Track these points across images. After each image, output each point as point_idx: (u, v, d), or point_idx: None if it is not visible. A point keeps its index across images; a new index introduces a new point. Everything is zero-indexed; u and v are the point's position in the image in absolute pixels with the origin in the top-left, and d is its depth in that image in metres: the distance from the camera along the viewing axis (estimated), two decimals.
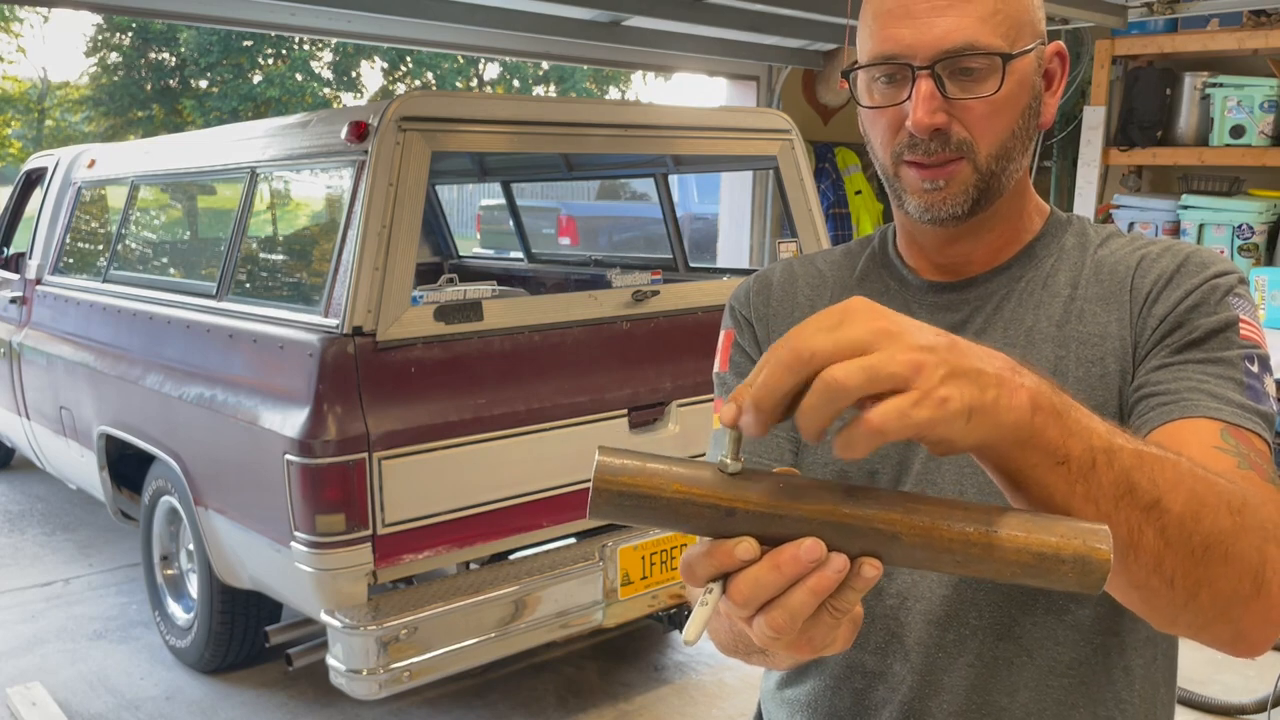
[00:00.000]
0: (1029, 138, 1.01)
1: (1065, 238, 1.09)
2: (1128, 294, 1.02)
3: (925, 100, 0.95)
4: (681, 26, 5.76)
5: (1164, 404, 0.93)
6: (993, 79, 0.95)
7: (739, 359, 1.17)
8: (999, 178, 1.00)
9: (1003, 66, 0.95)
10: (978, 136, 0.97)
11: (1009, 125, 0.98)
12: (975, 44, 0.94)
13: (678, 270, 4.61)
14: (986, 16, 0.95)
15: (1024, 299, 1.06)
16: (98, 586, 4.60)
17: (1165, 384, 0.94)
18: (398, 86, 23.81)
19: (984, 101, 0.96)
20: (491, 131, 3.14)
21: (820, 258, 1.20)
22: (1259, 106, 5.41)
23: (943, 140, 0.97)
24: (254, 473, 3.01)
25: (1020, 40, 0.96)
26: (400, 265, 2.84)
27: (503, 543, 3.09)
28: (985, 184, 0.99)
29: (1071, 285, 1.05)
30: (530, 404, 3.05)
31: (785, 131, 3.80)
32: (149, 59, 22.34)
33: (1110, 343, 1.00)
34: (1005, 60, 0.95)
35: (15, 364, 4.85)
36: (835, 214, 6.83)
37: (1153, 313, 0.99)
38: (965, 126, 0.97)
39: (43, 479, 5.82)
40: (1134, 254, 1.04)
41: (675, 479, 0.64)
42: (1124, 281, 1.03)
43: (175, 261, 4.71)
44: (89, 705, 3.56)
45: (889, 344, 0.63)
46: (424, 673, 2.79)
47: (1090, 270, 1.05)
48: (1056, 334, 1.03)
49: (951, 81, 0.95)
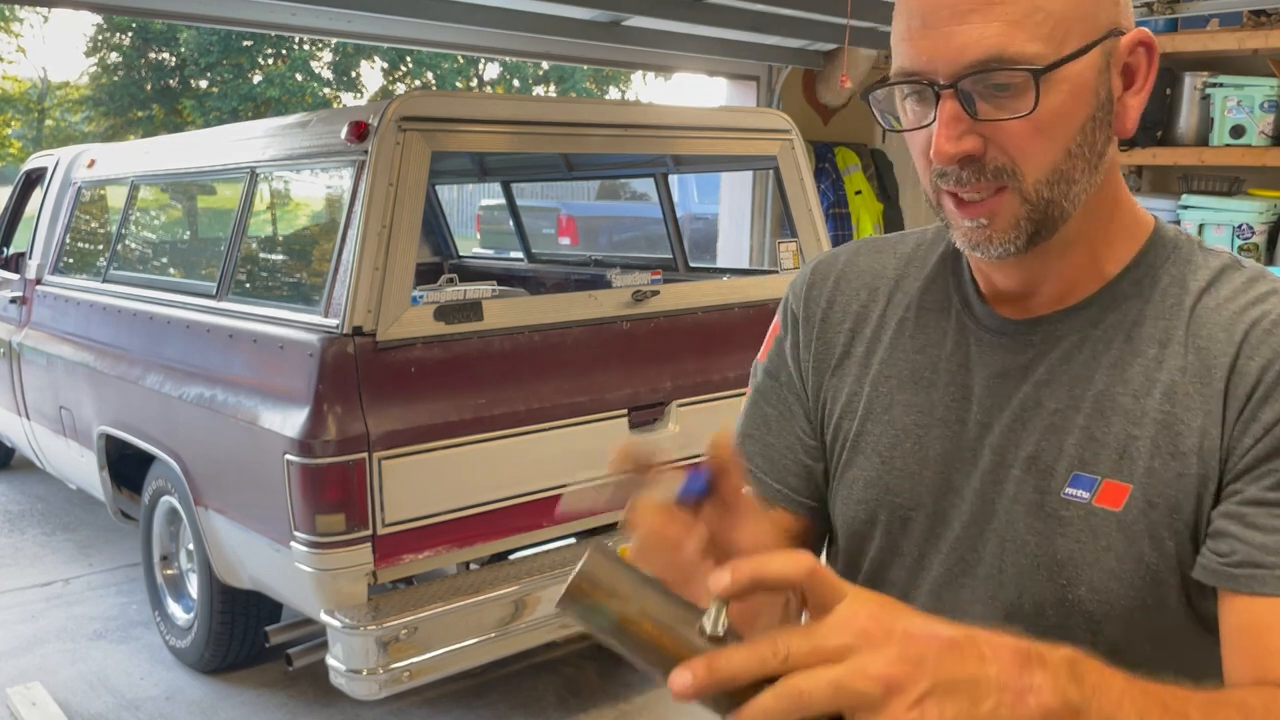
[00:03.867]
0: (1097, 153, 0.83)
1: (1163, 272, 0.88)
2: (1224, 382, 0.82)
3: (947, 125, 0.80)
4: (681, 26, 5.76)
5: (1250, 565, 0.77)
6: (1031, 93, 0.79)
7: (776, 358, 1.08)
8: (1058, 204, 0.83)
9: (1036, 79, 0.79)
10: (1020, 161, 0.81)
11: (1062, 144, 0.81)
12: (1003, 55, 0.78)
13: (678, 270, 4.61)
14: (1021, 19, 0.78)
15: (1099, 352, 0.87)
16: (98, 586, 4.60)
17: (1255, 535, 0.78)
18: (398, 86, 23.81)
19: (1024, 121, 0.80)
20: (491, 131, 3.14)
21: (896, 244, 1.05)
22: (1259, 106, 5.42)
23: (977, 169, 0.82)
24: (254, 473, 3.00)
25: (1072, 40, 0.79)
26: (400, 265, 2.84)
27: (503, 543, 3.09)
28: (1041, 214, 0.83)
29: (1160, 343, 0.85)
30: (530, 404, 3.05)
31: (785, 131, 3.80)
32: (149, 59, 22.34)
33: (1195, 438, 0.82)
34: (1039, 73, 0.78)
35: (15, 364, 4.84)
36: (835, 214, 6.83)
37: (1258, 419, 0.80)
38: (1004, 150, 0.81)
39: (43, 479, 5.81)
40: (1243, 316, 0.83)
41: (651, 617, 0.62)
42: (1223, 362, 0.82)
43: (175, 261, 4.71)
44: (89, 705, 3.56)
45: (869, 651, 0.56)
46: (424, 673, 2.79)
47: (1186, 327, 0.85)
48: (1132, 406, 0.85)
49: (983, 100, 0.80)
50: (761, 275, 4.30)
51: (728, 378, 3.51)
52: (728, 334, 3.56)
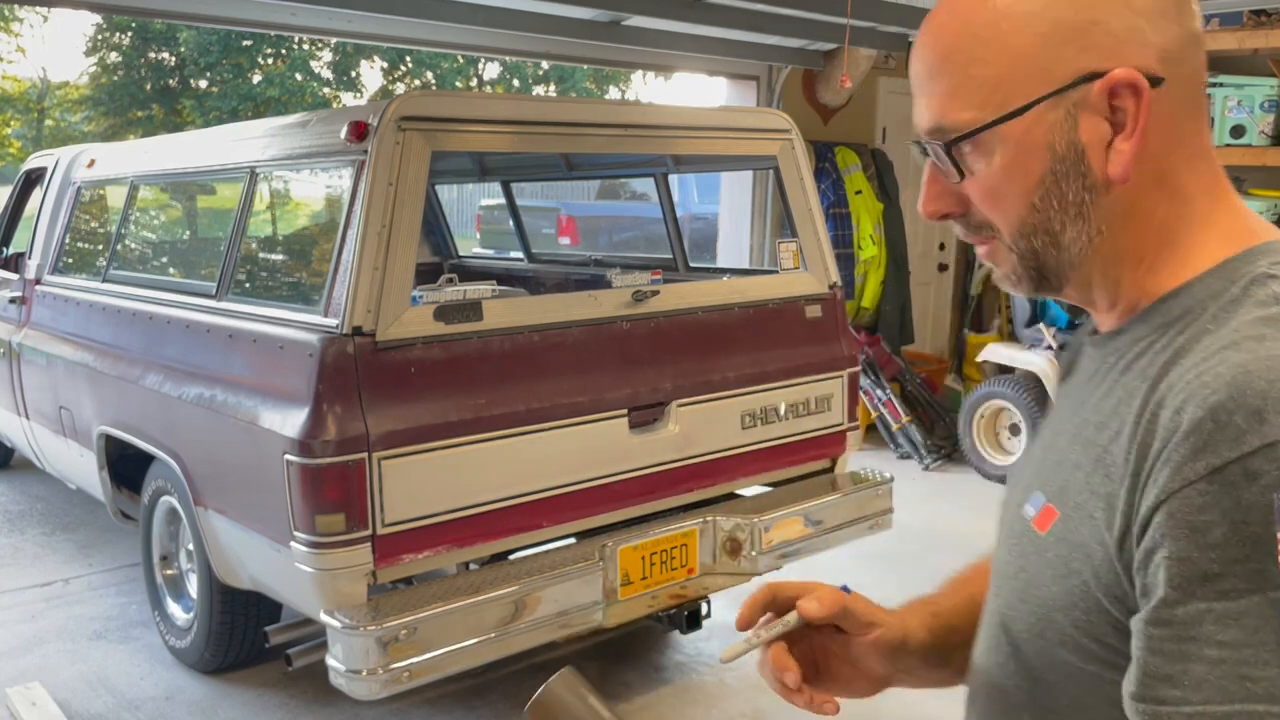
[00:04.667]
0: (1074, 203, 0.82)
1: (1194, 311, 0.80)
2: (1135, 431, 0.76)
3: (925, 186, 0.89)
4: (681, 26, 5.76)
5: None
6: (976, 157, 0.83)
7: None
8: (1047, 253, 0.85)
9: (946, 149, 0.84)
10: (992, 216, 0.86)
11: (1019, 200, 0.83)
12: (941, 125, 0.84)
13: (678, 270, 4.60)
14: (955, 88, 0.83)
15: (1104, 377, 0.85)
16: (97, 586, 4.60)
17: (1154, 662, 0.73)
18: (397, 86, 23.81)
19: (975, 182, 0.85)
20: (491, 131, 3.14)
21: None
22: (1259, 106, 5.42)
23: (965, 222, 0.88)
24: (254, 473, 3.00)
25: (1014, 100, 0.80)
26: (400, 265, 2.84)
27: (503, 543, 3.09)
28: (1034, 262, 0.86)
29: (1149, 380, 0.78)
30: (530, 404, 3.05)
31: (785, 131, 3.80)
32: (149, 59, 22.34)
33: (1114, 485, 0.77)
34: (950, 143, 0.83)
35: (15, 364, 4.84)
36: (835, 214, 6.83)
37: (1153, 484, 0.73)
38: (979, 207, 0.86)
39: (42, 479, 5.81)
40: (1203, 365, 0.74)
41: None
42: (1142, 407, 0.77)
43: (175, 261, 4.71)
44: (89, 705, 3.56)
45: None
46: (424, 673, 2.78)
47: (1169, 367, 0.77)
48: (1093, 437, 0.82)
49: (945, 167, 0.86)
50: (761, 275, 4.30)
51: (728, 378, 3.51)
52: (728, 334, 3.56)
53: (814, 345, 3.80)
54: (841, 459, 3.95)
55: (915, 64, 0.87)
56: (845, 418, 3.89)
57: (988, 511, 1.01)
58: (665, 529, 3.28)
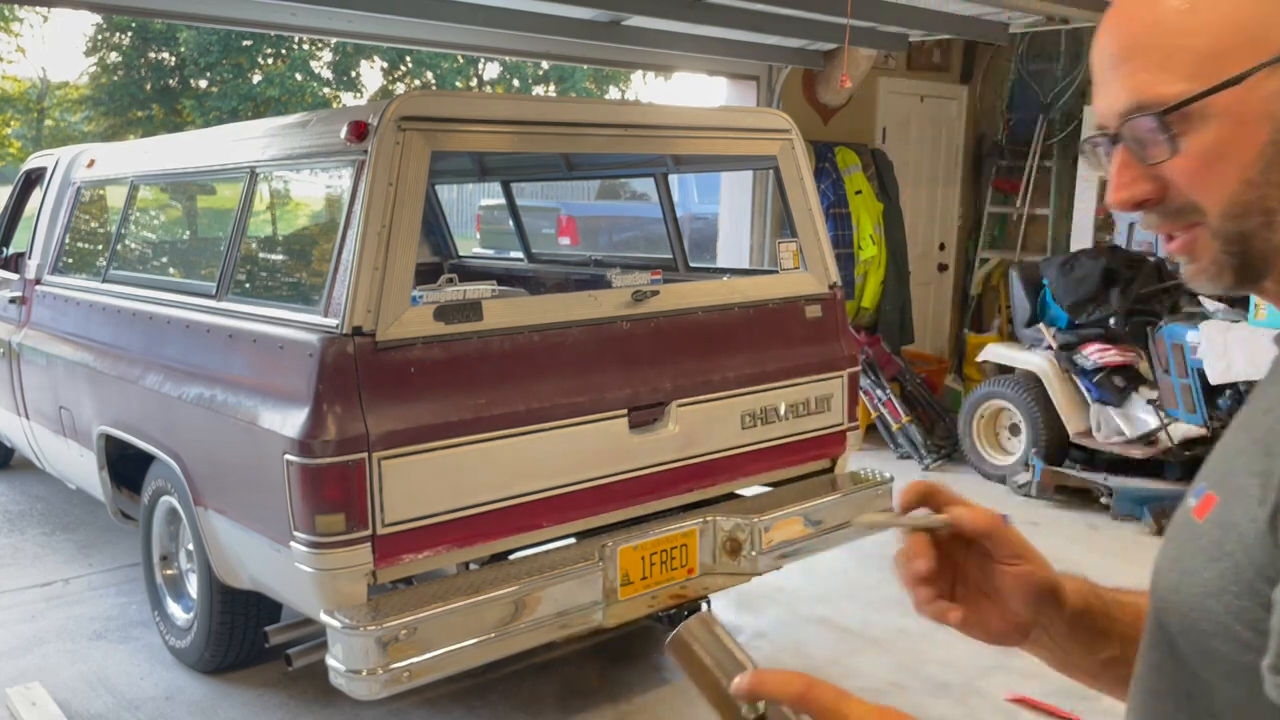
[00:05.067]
0: None
1: None
2: None
3: (1115, 174, 0.83)
4: (682, 26, 5.76)
5: None
6: (1184, 133, 0.79)
7: None
8: (1258, 237, 0.79)
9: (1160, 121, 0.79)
10: (1199, 198, 0.80)
11: (1235, 176, 0.78)
12: (1142, 101, 0.79)
13: (678, 270, 4.60)
14: (1162, 61, 0.79)
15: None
16: (97, 586, 4.60)
17: None
18: (397, 86, 23.81)
19: (1187, 159, 0.79)
20: (491, 131, 3.14)
21: None
22: None
23: (1162, 210, 0.83)
24: (254, 473, 3.00)
25: (1228, 69, 0.76)
26: (400, 265, 2.84)
27: (503, 543, 3.09)
28: (1239, 248, 0.80)
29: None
30: (530, 404, 3.05)
31: (785, 131, 3.80)
32: (148, 59, 22.34)
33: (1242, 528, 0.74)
34: (1163, 114, 0.78)
35: (15, 364, 4.84)
36: (835, 214, 6.83)
37: None
38: (1182, 190, 0.81)
39: (42, 479, 5.81)
40: None
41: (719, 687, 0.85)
42: None
43: (175, 261, 4.71)
44: (89, 705, 3.56)
45: None
46: (424, 673, 2.78)
47: None
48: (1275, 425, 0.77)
49: (1152, 145, 0.80)
50: (761, 275, 4.30)
51: (728, 378, 3.51)
52: (728, 334, 3.56)
53: (814, 345, 3.80)
54: (841, 459, 3.95)
55: (1105, 45, 0.83)
56: (845, 418, 3.90)
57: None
58: (665, 529, 3.28)
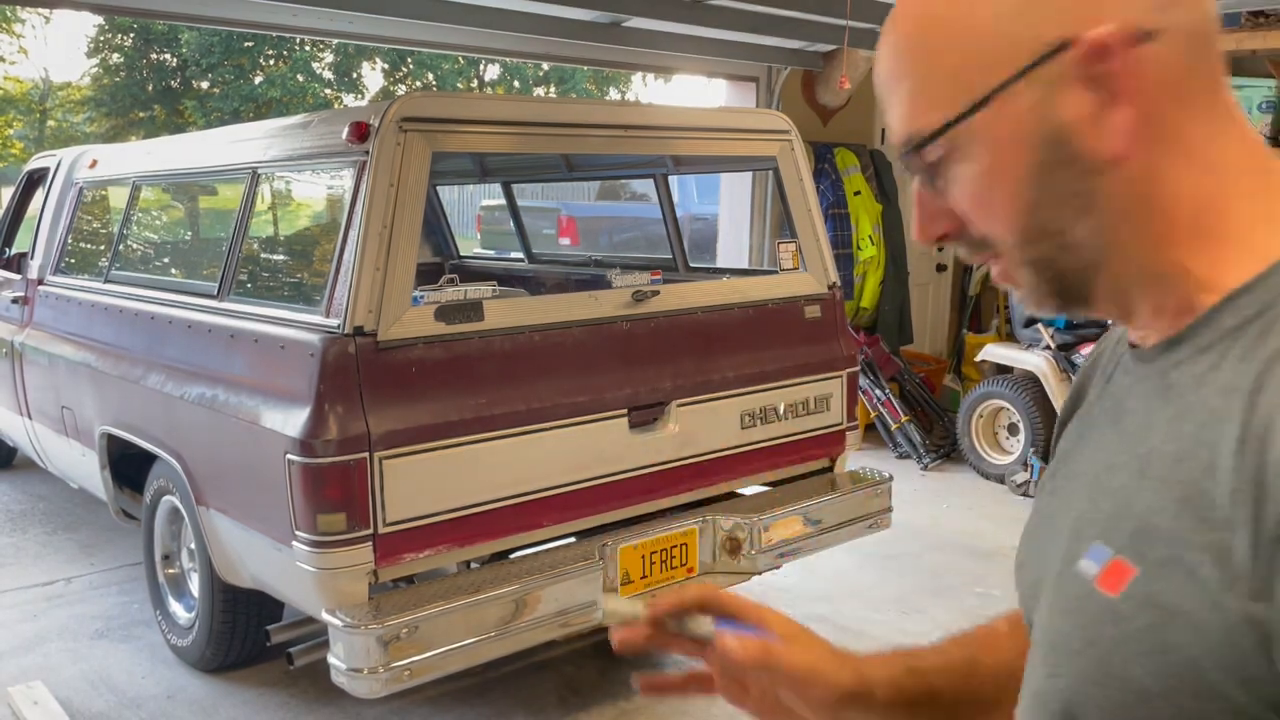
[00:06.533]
0: (1076, 192, 0.69)
1: (1253, 318, 0.66)
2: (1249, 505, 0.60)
3: (915, 209, 0.78)
4: (681, 28, 5.77)
5: None
6: (956, 164, 0.72)
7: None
8: (1059, 259, 0.72)
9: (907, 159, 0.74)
10: (986, 229, 0.74)
11: (1011, 203, 0.71)
12: (910, 134, 0.73)
13: (678, 270, 4.62)
14: (919, 90, 0.72)
15: (1164, 397, 0.70)
16: (99, 586, 4.61)
17: None
18: (398, 87, 23.83)
19: (961, 189, 0.73)
20: (492, 132, 3.15)
21: None
22: (1257, 107, 5.43)
23: (965, 243, 0.77)
24: (255, 472, 3.02)
25: (978, 85, 0.69)
26: (401, 265, 2.85)
27: (503, 542, 3.10)
28: (1050, 271, 0.73)
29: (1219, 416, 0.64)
30: (530, 404, 3.06)
31: (785, 132, 3.81)
32: (150, 60, 22.38)
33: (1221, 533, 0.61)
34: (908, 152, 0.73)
35: (17, 364, 4.86)
36: (835, 214, 6.84)
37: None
38: (973, 220, 0.75)
39: (44, 478, 5.82)
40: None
41: None
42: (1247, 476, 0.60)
43: (177, 262, 4.72)
44: (91, 704, 3.57)
45: None
46: (424, 671, 2.80)
47: (1256, 401, 0.62)
48: (1168, 473, 0.66)
49: (932, 178, 0.75)
50: (761, 275, 4.31)
51: (727, 377, 3.53)
52: (727, 334, 3.57)
53: (813, 345, 3.81)
54: (841, 458, 3.96)
55: (880, 61, 0.75)
56: (844, 417, 3.91)
57: (986, 511, 0.98)
58: (665, 528, 3.29)
